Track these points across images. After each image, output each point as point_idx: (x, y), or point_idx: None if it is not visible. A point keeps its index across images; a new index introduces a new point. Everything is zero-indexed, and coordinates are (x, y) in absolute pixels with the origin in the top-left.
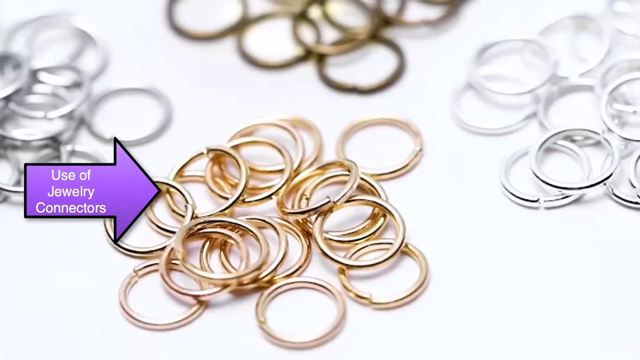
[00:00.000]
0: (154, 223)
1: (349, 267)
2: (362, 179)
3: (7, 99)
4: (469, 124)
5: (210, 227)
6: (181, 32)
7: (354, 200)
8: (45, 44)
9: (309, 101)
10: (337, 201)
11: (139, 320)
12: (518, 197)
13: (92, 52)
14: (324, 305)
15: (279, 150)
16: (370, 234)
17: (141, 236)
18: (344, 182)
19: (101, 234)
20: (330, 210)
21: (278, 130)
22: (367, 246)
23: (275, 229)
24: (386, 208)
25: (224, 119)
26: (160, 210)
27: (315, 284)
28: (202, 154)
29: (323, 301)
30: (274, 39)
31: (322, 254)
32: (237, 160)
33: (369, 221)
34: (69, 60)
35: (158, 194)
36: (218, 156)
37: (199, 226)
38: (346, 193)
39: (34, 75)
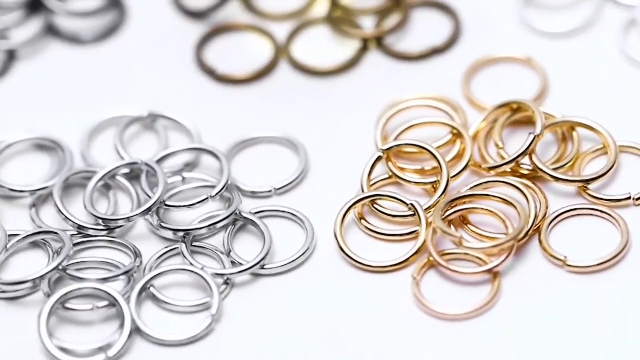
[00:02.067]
0: (378, 232)
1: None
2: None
3: None
4: None
5: (457, 205)
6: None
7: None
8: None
9: (398, 86)
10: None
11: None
12: None
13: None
14: None
15: (444, 124)
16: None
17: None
18: (517, 123)
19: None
20: None
21: (425, 111)
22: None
23: (515, 186)
24: None
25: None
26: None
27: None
28: (380, 157)
29: None
30: (318, 49)
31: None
32: (416, 145)
33: None
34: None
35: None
36: (389, 155)
37: (447, 207)
38: None
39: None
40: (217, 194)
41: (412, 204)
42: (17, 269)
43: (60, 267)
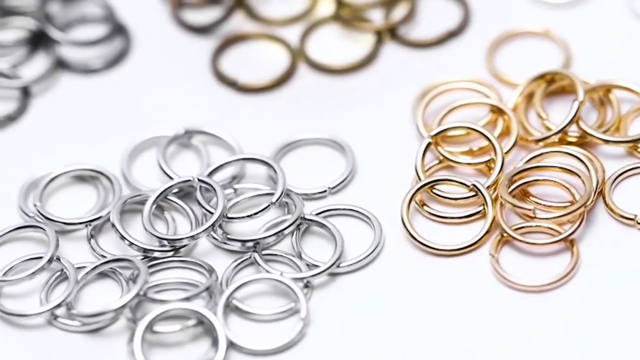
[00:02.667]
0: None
1: None
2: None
3: None
4: None
5: (517, 179)
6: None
7: None
8: None
9: (420, 73)
10: None
11: (519, 285)
12: None
13: None
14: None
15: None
16: None
17: None
18: (550, 94)
19: None
20: None
21: (459, 93)
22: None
23: (570, 154)
24: None
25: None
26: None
27: None
28: (429, 143)
29: None
30: (332, 48)
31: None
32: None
33: None
34: None
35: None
36: (437, 140)
37: (509, 182)
38: None
39: None
40: (277, 200)
41: (473, 184)
42: (88, 300)
43: (141, 293)
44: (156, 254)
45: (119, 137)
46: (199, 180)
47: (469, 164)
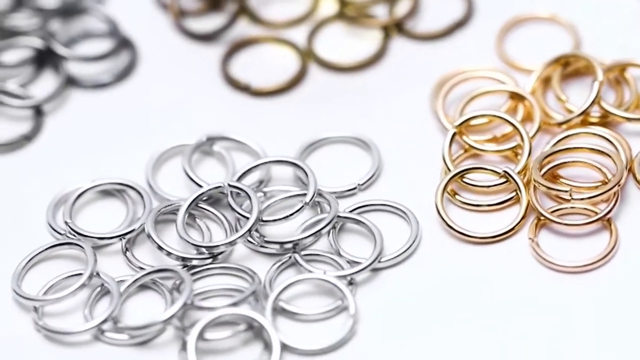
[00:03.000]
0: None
1: None
2: None
3: None
4: None
5: (547, 163)
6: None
7: None
8: None
9: (431, 65)
10: None
11: (563, 266)
12: None
13: None
14: None
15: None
16: None
17: None
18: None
19: None
20: None
21: (476, 82)
22: None
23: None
24: None
25: None
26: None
27: None
28: (455, 134)
29: None
30: (340, 46)
31: None
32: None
33: None
34: None
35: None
36: (461, 129)
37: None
38: None
39: None
40: (310, 200)
41: (504, 171)
42: (131, 313)
43: (189, 302)
44: (194, 262)
45: (136, 149)
46: (229, 185)
47: (495, 151)
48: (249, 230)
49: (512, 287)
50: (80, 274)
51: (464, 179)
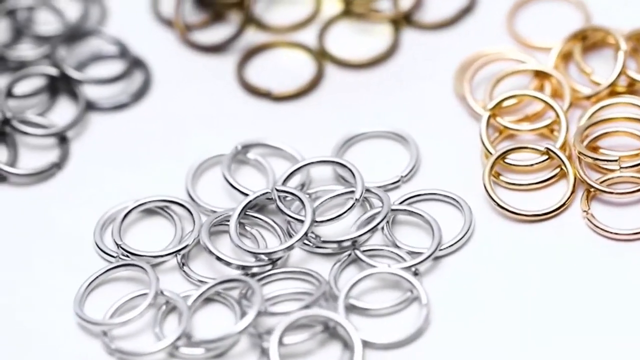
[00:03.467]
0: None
1: None
2: None
3: None
4: None
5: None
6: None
7: None
8: None
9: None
10: None
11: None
12: None
13: None
14: None
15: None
16: None
17: None
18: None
19: None
20: None
21: (499, 64)
22: None
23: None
24: None
25: None
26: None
27: None
28: (489, 117)
29: None
30: (352, 44)
31: None
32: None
33: None
34: None
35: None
36: (494, 112)
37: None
38: None
39: None
40: (360, 196)
41: (547, 148)
42: (201, 326)
43: (262, 309)
44: (254, 270)
45: (167, 165)
46: (277, 190)
47: (530, 130)
48: (306, 232)
49: (571, 260)
50: (144, 294)
51: (506, 160)
